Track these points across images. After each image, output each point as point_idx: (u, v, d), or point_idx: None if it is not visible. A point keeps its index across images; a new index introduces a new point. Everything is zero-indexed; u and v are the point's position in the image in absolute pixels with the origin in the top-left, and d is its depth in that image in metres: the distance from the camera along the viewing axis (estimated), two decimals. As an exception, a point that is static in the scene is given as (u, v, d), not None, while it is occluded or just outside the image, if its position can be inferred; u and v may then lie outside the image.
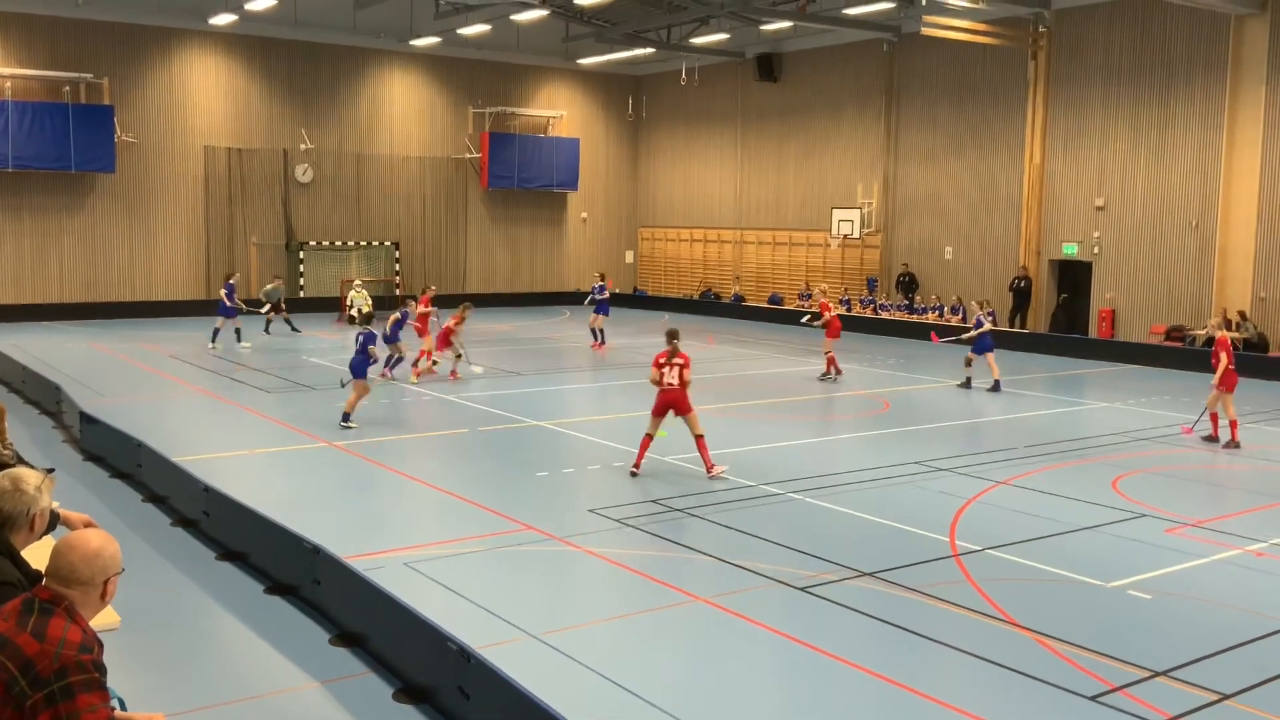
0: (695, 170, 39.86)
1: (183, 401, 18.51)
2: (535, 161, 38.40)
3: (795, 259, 36.28)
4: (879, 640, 8.21)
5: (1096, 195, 27.82)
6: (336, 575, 8.39)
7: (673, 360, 13.05)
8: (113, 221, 32.35)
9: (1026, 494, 12.70)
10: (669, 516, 11.46)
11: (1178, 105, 26.11)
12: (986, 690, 7.42)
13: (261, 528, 9.56)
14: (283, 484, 12.96)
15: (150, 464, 12.28)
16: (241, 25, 32.57)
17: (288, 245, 34.82)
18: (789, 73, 35.83)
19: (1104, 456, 14.91)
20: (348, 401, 16.11)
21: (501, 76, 38.38)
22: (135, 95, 32.26)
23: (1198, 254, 25.95)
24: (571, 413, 18.01)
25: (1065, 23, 28.24)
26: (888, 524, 11.30)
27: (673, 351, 13.11)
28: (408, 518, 11.72)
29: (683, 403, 13.04)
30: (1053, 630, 8.35)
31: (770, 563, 9.89)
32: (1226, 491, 13.50)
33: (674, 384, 13.02)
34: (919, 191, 32.32)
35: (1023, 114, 29.17)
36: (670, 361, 13.06)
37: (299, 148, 34.79)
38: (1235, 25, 24.88)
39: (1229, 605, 9.11)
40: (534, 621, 8.35)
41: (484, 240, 38.91)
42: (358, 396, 16.13)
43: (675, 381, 13.02)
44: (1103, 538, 10.97)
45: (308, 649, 7.94)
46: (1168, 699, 7.18)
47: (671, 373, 13.03)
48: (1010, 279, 29.40)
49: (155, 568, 9.70)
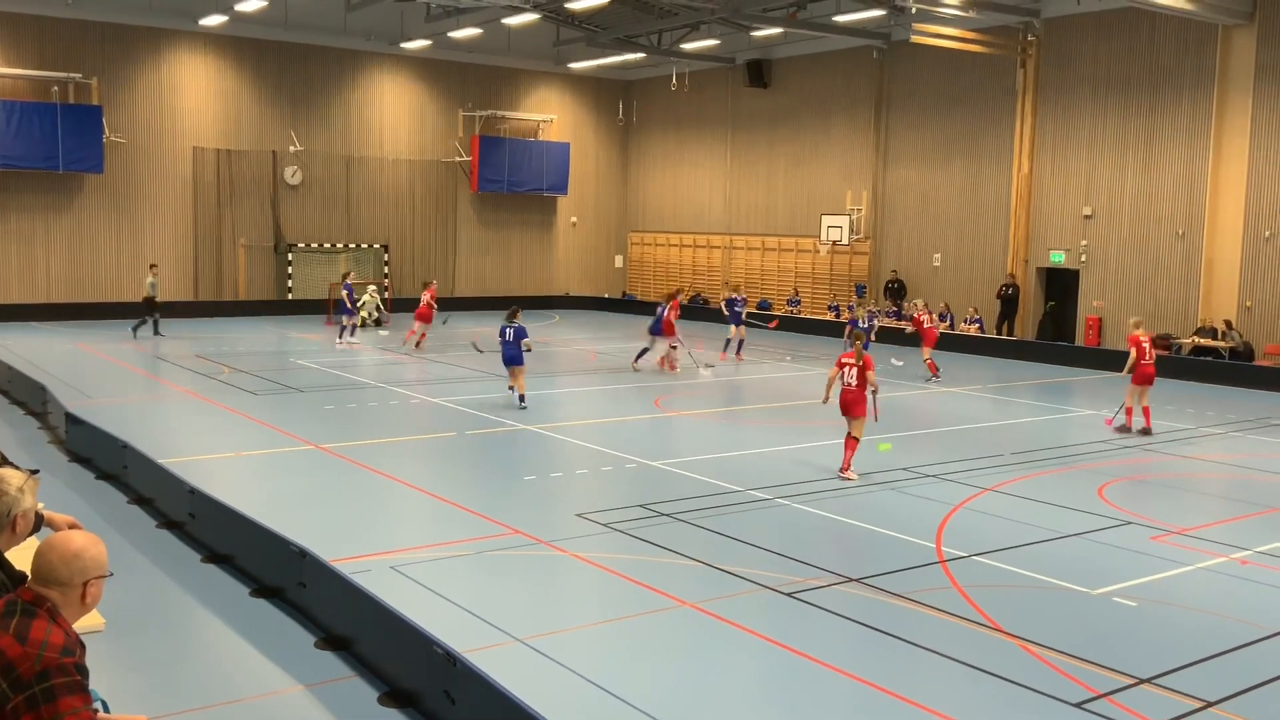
0: (685, 175, 39.91)
1: (169, 403, 18.45)
2: (525, 165, 38.40)
3: (785, 265, 36.34)
4: (865, 646, 8.22)
5: (1084, 204, 27.93)
6: (322, 578, 8.37)
7: (856, 362, 13.58)
8: (100, 222, 32.25)
9: (1013, 501, 12.74)
10: (656, 521, 11.46)
11: (1165, 115, 26.24)
12: (972, 696, 7.44)
13: (247, 530, 9.53)
14: (269, 486, 12.92)
15: (136, 466, 12.23)
16: (231, 26, 32.52)
17: (276, 247, 34.76)
18: (779, 79, 35.91)
19: (1090, 464, 14.96)
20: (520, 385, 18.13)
21: (492, 80, 38.39)
22: (124, 95, 32.17)
23: (1184, 263, 26.08)
24: (560, 417, 18.00)
25: (1054, 32, 28.37)
26: (874, 530, 11.32)
27: (857, 353, 13.65)
28: (394, 521, 11.69)
29: (856, 406, 13.57)
30: (1038, 637, 8.37)
31: (756, 568, 9.90)
32: (1211, 499, 13.56)
33: (851, 384, 13.58)
34: (908, 199, 32.42)
35: (1011, 122, 29.29)
36: (854, 363, 13.60)
37: (288, 150, 34.74)
38: (1223, 35, 25.03)
39: (1213, 612, 9.15)
40: (520, 625, 8.34)
41: (473, 244, 38.89)
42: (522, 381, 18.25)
43: (853, 382, 13.57)
44: (1088, 545, 11.01)
45: (293, 652, 7.92)
46: (1152, 706, 7.20)
47: (850, 373, 13.59)
48: (998, 286, 29.49)
49: (140, 570, 9.66)
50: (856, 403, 13.59)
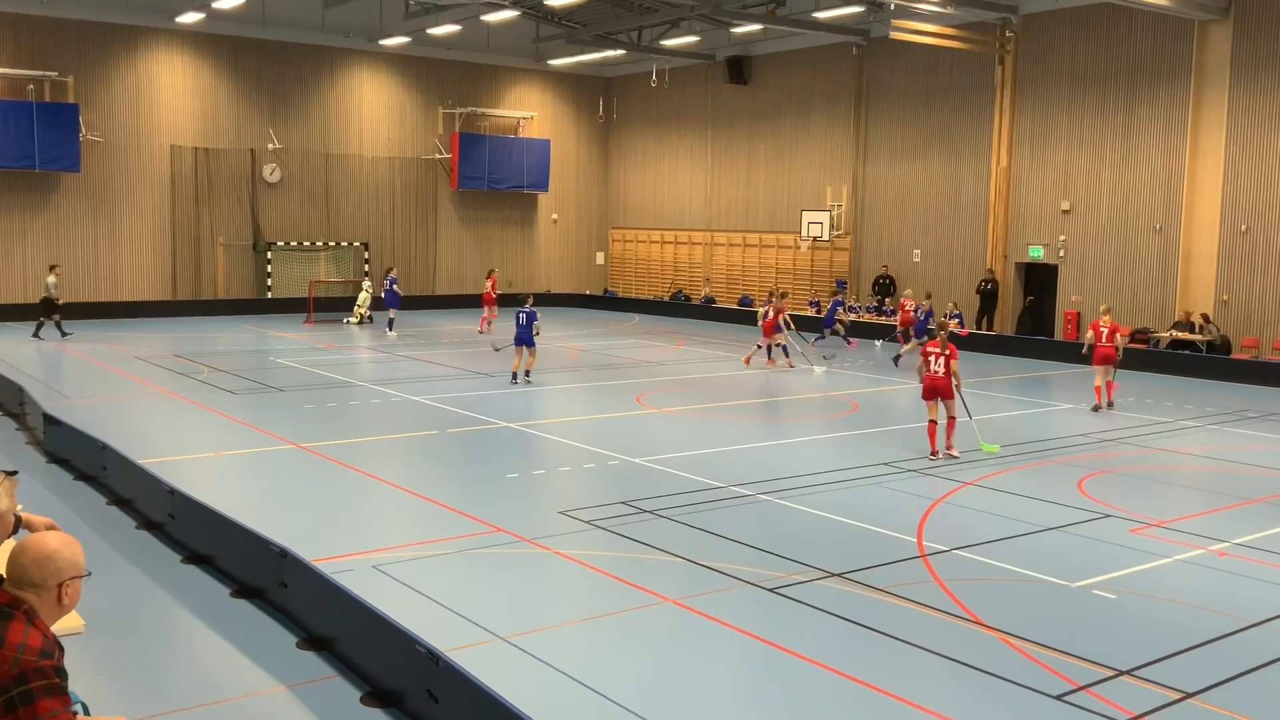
0: (666, 172, 39.92)
1: (148, 403, 18.34)
2: (505, 162, 38.31)
3: (765, 261, 36.40)
4: (847, 640, 8.25)
5: (1062, 199, 28.08)
6: (304, 578, 8.34)
7: (942, 351, 14.55)
8: (78, 221, 32.01)
9: (993, 495, 12.80)
10: (639, 518, 11.46)
11: (1142, 110, 26.41)
12: (953, 690, 7.48)
13: (228, 530, 9.49)
14: (249, 486, 12.86)
15: (115, 466, 12.15)
16: (209, 24, 32.34)
17: (255, 246, 34.59)
18: (759, 75, 35.96)
19: (1069, 457, 15.05)
20: (528, 364, 20.29)
21: (472, 77, 38.28)
22: (101, 94, 31.95)
23: (1162, 257, 26.25)
24: (542, 414, 17.99)
25: (1032, 28, 28.50)
26: (856, 525, 11.36)
27: (943, 342, 14.64)
28: (376, 520, 11.66)
29: (947, 390, 14.55)
30: (1018, 630, 8.42)
31: (739, 564, 9.92)
32: (1189, 492, 13.66)
33: (939, 372, 14.52)
34: (888, 194, 32.52)
35: (990, 118, 29.41)
36: (940, 352, 14.55)
37: (267, 147, 34.57)
38: (1199, 31, 25.19)
39: (1192, 605, 9.23)
40: (503, 624, 8.33)
41: (454, 241, 38.79)
42: (533, 359, 20.48)
43: (941, 370, 14.51)
44: (1068, 538, 11.08)
45: (275, 652, 7.89)
46: (1132, 698, 7.26)
47: (938, 362, 14.54)
48: (978, 281, 29.62)
49: (120, 571, 9.60)
50: (945, 387, 14.55)
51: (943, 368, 14.55)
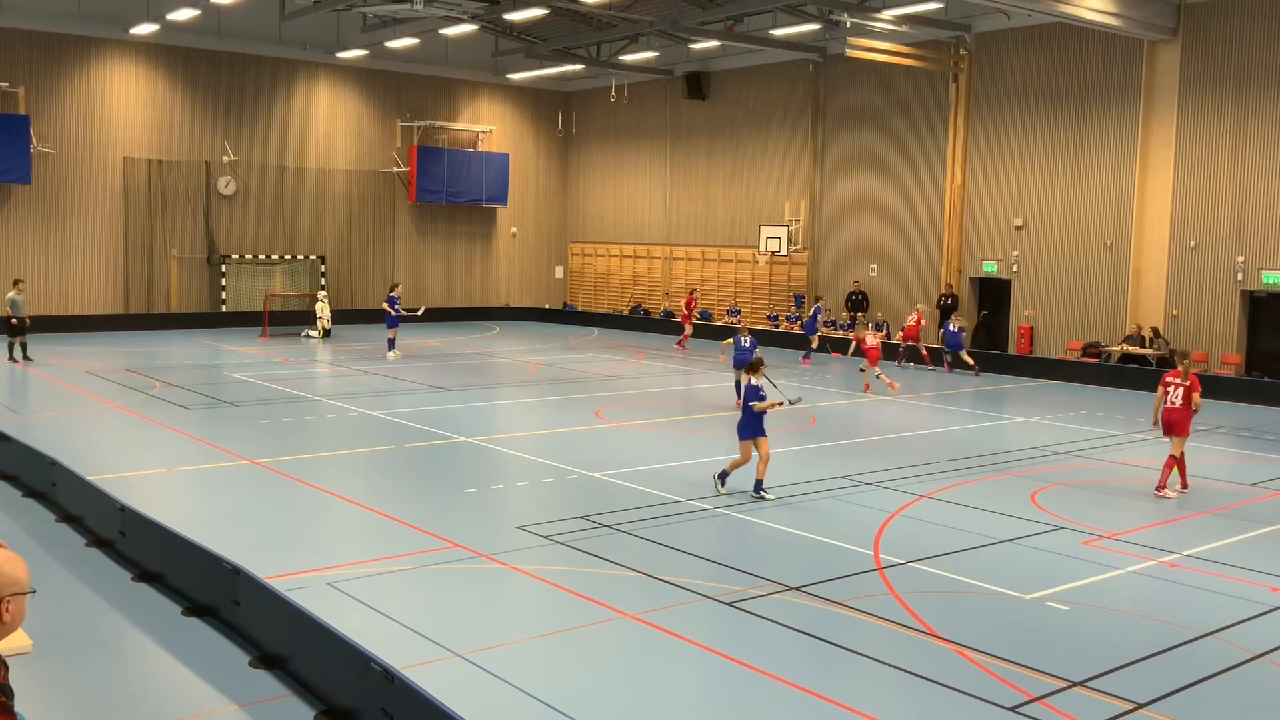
0: (625, 186, 40.00)
1: (99, 418, 18.07)
2: (464, 176, 38.22)
3: (724, 275, 36.55)
4: (804, 654, 8.28)
5: (1015, 215, 28.45)
6: (257, 596, 8.24)
7: (1183, 381, 13.69)
8: (28, 234, 31.53)
9: (948, 508, 12.91)
10: (597, 533, 11.45)
11: (1093, 127, 26.83)
12: (909, 702, 7.52)
13: (180, 548, 9.36)
14: (202, 503, 12.71)
15: (64, 483, 11.96)
16: (163, 35, 32.03)
17: (209, 259, 34.23)
18: (717, 91, 36.16)
19: (1023, 470, 15.21)
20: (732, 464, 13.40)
21: (430, 90, 38.18)
22: (53, 105, 31.53)
23: (1113, 272, 26.65)
24: (501, 428, 17.92)
25: (985, 46, 28.90)
26: (814, 538, 11.42)
27: (1184, 372, 13.78)
28: (331, 536, 11.56)
29: (1181, 425, 13.63)
30: (973, 642, 8.49)
31: (697, 578, 9.93)
32: (1141, 504, 13.85)
33: (1176, 404, 13.64)
34: (845, 209, 32.78)
35: (944, 134, 29.76)
36: (1180, 382, 13.71)
37: (222, 160, 34.25)
38: (1149, 50, 25.66)
39: (1143, 615, 9.35)
40: (460, 640, 8.28)
41: (412, 255, 38.60)
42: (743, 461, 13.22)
43: (1179, 402, 13.63)
44: (1022, 550, 11.19)
45: (227, 671, 7.79)
46: (1085, 708, 7.34)
47: (1176, 392, 13.69)
48: (935, 296, 29.91)
49: (69, 589, 9.45)
50: (1181, 421, 13.66)
51: (1180, 399, 13.65)
